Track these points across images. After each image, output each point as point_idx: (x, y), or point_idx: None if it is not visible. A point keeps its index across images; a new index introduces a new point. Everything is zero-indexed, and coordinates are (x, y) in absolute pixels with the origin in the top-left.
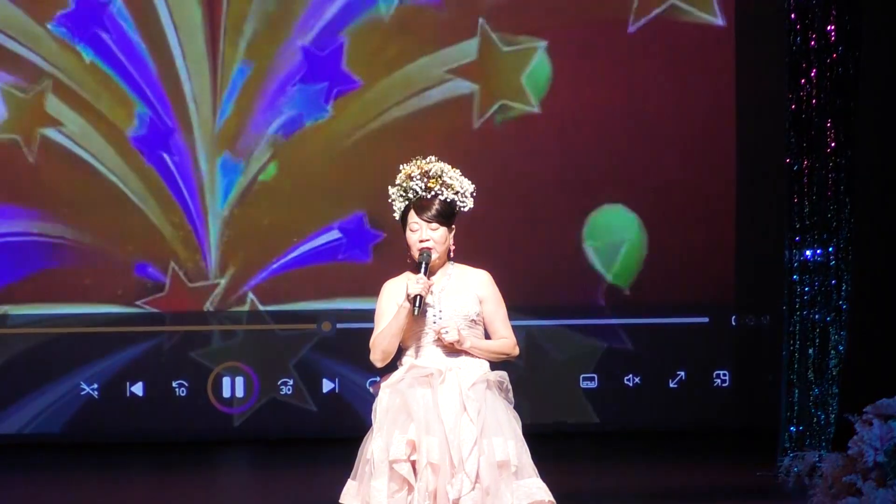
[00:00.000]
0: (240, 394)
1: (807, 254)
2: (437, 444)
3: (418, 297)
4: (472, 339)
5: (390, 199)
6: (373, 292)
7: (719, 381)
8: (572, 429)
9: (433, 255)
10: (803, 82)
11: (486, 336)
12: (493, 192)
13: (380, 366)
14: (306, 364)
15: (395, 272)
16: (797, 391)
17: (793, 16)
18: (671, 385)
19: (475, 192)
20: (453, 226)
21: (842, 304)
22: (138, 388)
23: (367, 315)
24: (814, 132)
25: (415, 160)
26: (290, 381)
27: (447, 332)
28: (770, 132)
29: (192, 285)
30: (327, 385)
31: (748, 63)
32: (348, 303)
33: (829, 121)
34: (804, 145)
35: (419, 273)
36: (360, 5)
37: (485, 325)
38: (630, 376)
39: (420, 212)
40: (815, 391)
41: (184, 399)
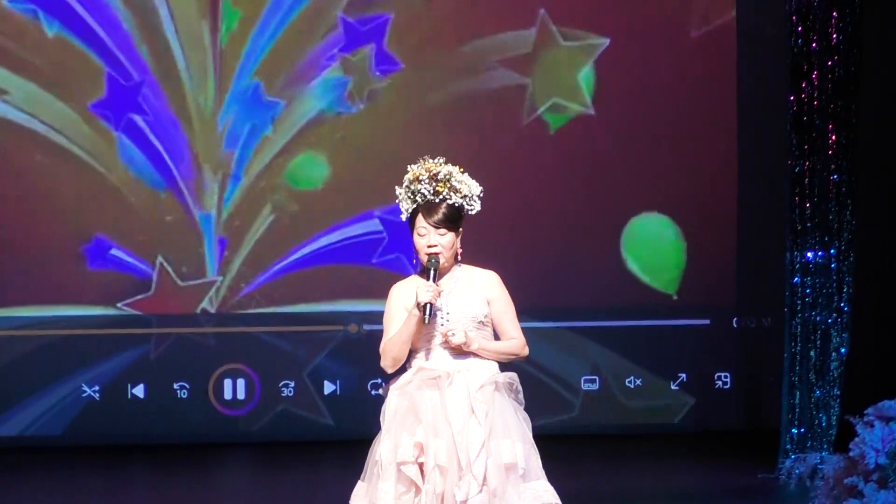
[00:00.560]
0: (241, 396)
1: (808, 255)
2: (445, 446)
3: (428, 305)
4: (480, 341)
5: (397, 200)
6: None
7: (721, 382)
8: (573, 430)
9: (441, 260)
10: (804, 84)
11: (496, 336)
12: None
13: (390, 371)
14: (307, 366)
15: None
16: (798, 393)
17: (794, 18)
18: (673, 387)
19: (482, 194)
20: (461, 229)
21: (843, 305)
22: (139, 391)
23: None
24: (815, 134)
25: (422, 161)
26: (292, 384)
27: (454, 335)
28: (771, 134)
29: (183, 284)
30: (329, 387)
31: (749, 65)
32: (350, 305)
33: (831, 123)
34: (805, 147)
35: (427, 279)
36: None
37: (493, 325)
38: (631, 378)
39: (428, 216)
40: (817, 393)
41: (185, 401)
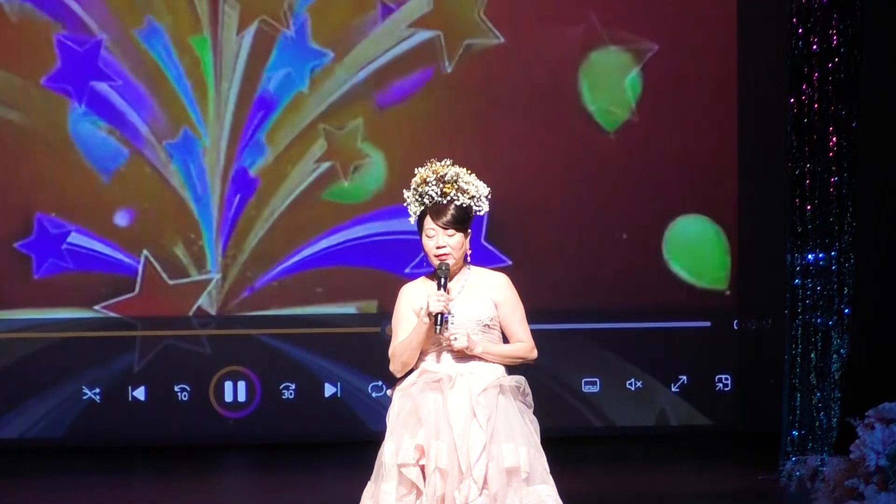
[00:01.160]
0: (242, 398)
1: (809, 257)
2: (446, 449)
3: (440, 315)
4: (485, 344)
5: (405, 203)
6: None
7: (721, 385)
8: (574, 433)
9: (450, 262)
10: (805, 87)
11: (505, 340)
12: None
13: (399, 375)
14: (308, 368)
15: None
16: (799, 395)
17: (794, 20)
18: (673, 389)
19: (490, 196)
20: (469, 230)
21: (843, 307)
22: (140, 393)
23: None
24: (815, 136)
25: (430, 163)
26: (293, 386)
27: (456, 339)
28: (772, 136)
29: (177, 281)
30: (329, 389)
31: (750, 67)
32: (349, 308)
33: (831, 125)
34: (806, 149)
35: (438, 286)
36: None
37: (502, 328)
38: (632, 380)
39: (436, 217)
40: (818, 395)
41: (185, 403)
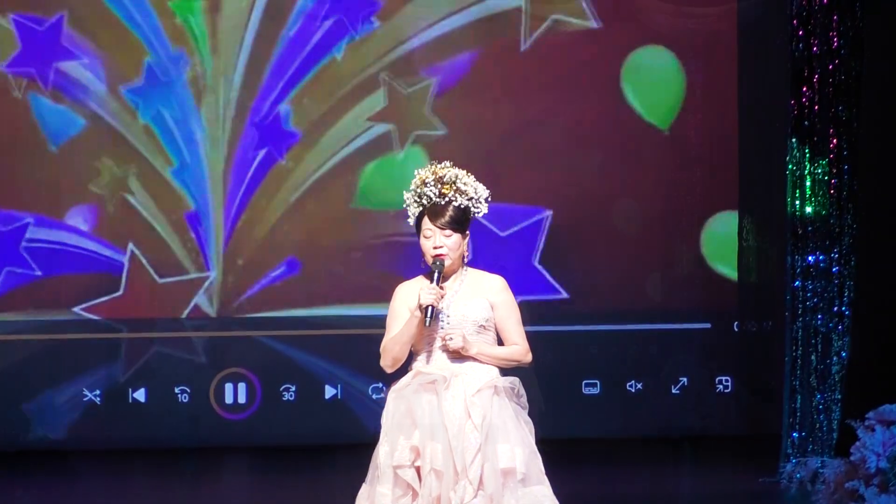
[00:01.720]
0: (242, 400)
1: (809, 259)
2: (441, 450)
3: (430, 308)
4: (480, 346)
5: (405, 205)
6: None
7: (721, 387)
8: (573, 434)
9: (446, 262)
10: (805, 89)
11: (500, 342)
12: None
13: (389, 371)
14: (309, 369)
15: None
16: (800, 397)
17: (795, 22)
18: (674, 391)
19: (489, 198)
20: (468, 231)
21: (844, 309)
22: (140, 395)
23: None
24: (816, 138)
25: (430, 165)
26: (293, 387)
27: (451, 339)
28: (772, 138)
29: (176, 279)
30: (329, 391)
31: (750, 69)
32: (350, 309)
33: (832, 127)
34: (806, 151)
35: (432, 281)
36: None
37: (497, 330)
38: (632, 382)
39: (434, 218)
40: (818, 397)
41: (186, 405)
